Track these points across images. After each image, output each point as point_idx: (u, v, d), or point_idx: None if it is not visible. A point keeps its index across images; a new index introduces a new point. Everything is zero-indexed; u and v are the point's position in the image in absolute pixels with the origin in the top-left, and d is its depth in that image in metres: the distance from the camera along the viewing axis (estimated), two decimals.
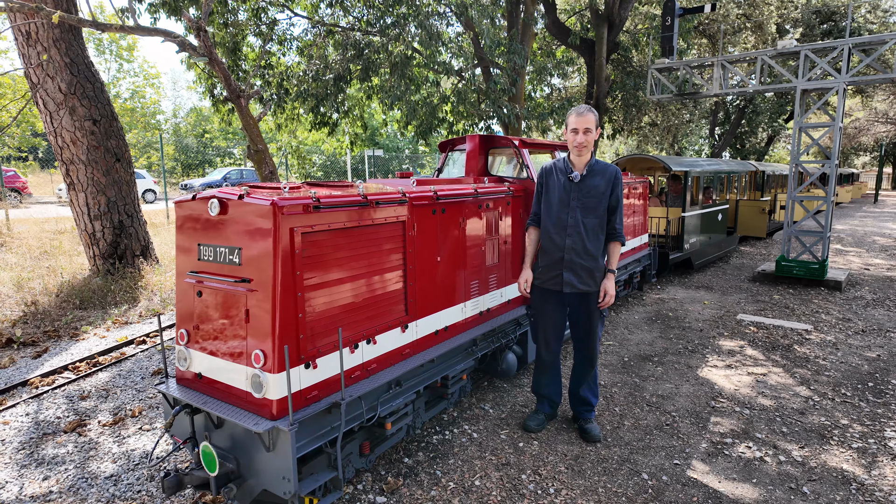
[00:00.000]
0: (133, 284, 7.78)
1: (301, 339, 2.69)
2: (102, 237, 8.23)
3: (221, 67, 6.22)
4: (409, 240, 3.38)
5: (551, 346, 3.85)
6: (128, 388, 4.70)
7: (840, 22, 24.27)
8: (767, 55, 9.03)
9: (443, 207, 3.68)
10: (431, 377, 3.60)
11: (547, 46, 13.71)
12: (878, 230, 16.71)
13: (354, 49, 8.98)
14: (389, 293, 3.27)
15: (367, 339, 3.12)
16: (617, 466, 3.57)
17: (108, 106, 8.23)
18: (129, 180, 8.51)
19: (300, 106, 9.81)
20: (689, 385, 4.89)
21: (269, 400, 2.61)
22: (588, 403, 3.96)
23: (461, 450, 3.74)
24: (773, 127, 28.95)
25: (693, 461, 3.64)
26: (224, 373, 2.82)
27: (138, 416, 4.21)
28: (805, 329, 6.50)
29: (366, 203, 3.03)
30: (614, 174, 3.56)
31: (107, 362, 5.23)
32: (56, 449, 3.73)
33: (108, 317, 6.72)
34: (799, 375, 5.11)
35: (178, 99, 54.93)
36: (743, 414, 4.33)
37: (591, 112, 3.48)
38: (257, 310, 2.63)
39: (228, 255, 2.74)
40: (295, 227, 2.63)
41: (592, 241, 3.57)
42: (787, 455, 3.72)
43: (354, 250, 3.00)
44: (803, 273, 8.74)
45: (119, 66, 35.10)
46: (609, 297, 3.58)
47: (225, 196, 2.71)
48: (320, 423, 2.81)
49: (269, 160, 6.83)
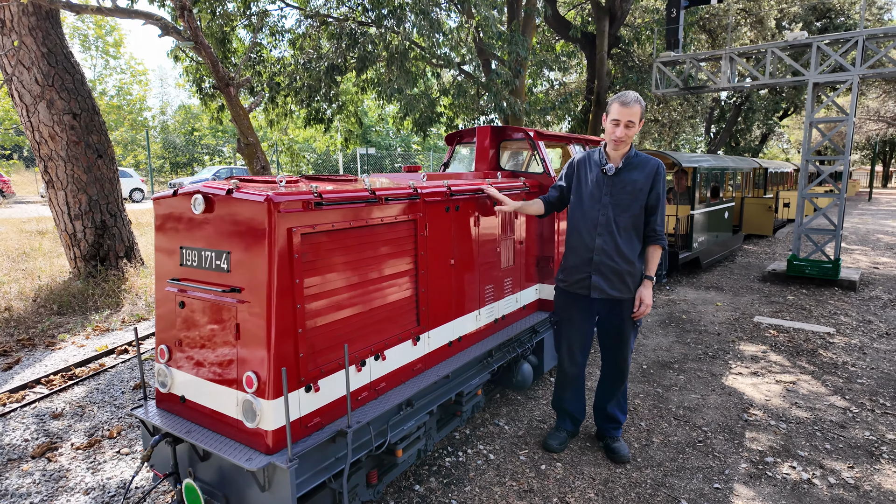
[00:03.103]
0: (116, 288, 7.33)
1: (301, 357, 2.30)
2: (83, 238, 7.76)
3: (208, 52, 5.77)
4: (421, 241, 2.99)
5: (576, 358, 3.48)
6: (105, 405, 4.28)
7: (835, 19, 24.19)
8: (778, 48, 8.72)
9: (456, 204, 3.30)
10: (445, 394, 3.22)
11: (546, 41, 13.35)
12: (880, 228, 16.53)
13: (350, 38, 8.56)
14: (399, 302, 2.88)
15: (374, 354, 2.73)
16: (652, 492, 3.21)
17: (89, 99, 7.76)
18: (111, 178, 8.04)
19: (292, 100, 9.37)
20: (715, 395, 4.55)
21: (264, 430, 2.22)
22: (616, 421, 3.59)
23: (478, 474, 3.37)
24: (767, 124, 28.85)
25: (735, 485, 3.29)
26: (211, 397, 2.42)
27: (116, 438, 3.79)
28: (827, 332, 6.19)
29: (374, 199, 2.64)
30: (656, 168, 3.18)
31: (84, 375, 4.80)
32: (21, 479, 3.30)
33: (89, 323, 6.27)
34: (831, 383, 4.79)
35: (165, 96, 54.09)
36: (779, 428, 3.99)
37: (637, 103, 3.07)
38: (249, 324, 2.24)
39: (215, 261, 2.35)
40: (293, 227, 2.23)
41: (626, 241, 3.20)
42: (836, 476, 3.38)
43: (361, 253, 2.61)
44: (816, 273, 8.45)
45: (105, 62, 34.33)
46: (645, 306, 3.21)
47: (211, 191, 2.31)
48: (323, 455, 2.42)
49: (260, 154, 6.39)
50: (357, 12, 9.13)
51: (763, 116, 26.66)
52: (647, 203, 3.21)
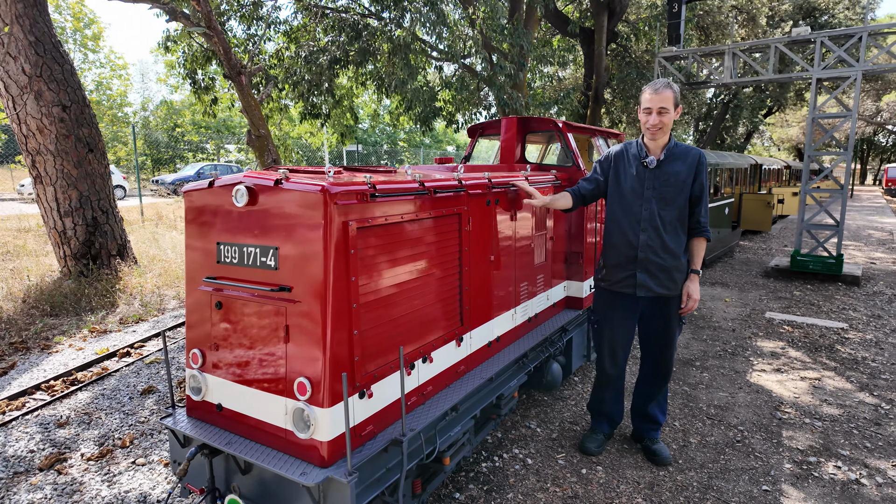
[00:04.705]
0: (110, 287, 7.03)
1: (356, 361, 2.13)
2: (74, 235, 7.43)
3: (221, 38, 5.48)
4: (465, 236, 2.83)
5: (618, 360, 3.35)
6: (114, 412, 4.04)
7: (820, 17, 24.51)
8: (782, 43, 8.71)
9: (496, 198, 3.14)
10: (487, 397, 3.06)
11: (543, 36, 13.23)
12: (869, 224, 16.78)
13: (353, 30, 8.31)
14: (446, 300, 2.72)
15: (422, 356, 2.57)
16: (700, 496, 3.10)
17: (79, 91, 7.44)
18: (103, 173, 7.71)
19: (291, 92, 9.09)
20: (743, 394, 4.47)
21: (319, 441, 2.05)
22: (655, 422, 3.47)
23: (518, 480, 3.22)
24: (753, 122, 29.17)
25: (783, 486, 3.20)
26: (254, 405, 2.24)
27: (129, 447, 3.57)
28: (841, 328, 6.17)
29: (425, 192, 2.47)
30: (697, 158, 3.06)
31: (86, 380, 4.55)
32: (30, 493, 3.07)
33: (84, 325, 5.98)
34: (855, 380, 4.74)
35: (147, 91, 52.89)
36: (815, 426, 3.91)
37: (668, 88, 2.96)
38: (301, 326, 2.06)
39: (260, 257, 2.16)
40: (350, 220, 2.06)
41: (671, 236, 3.07)
42: (883, 476, 3.30)
43: (411, 249, 2.44)
44: (820, 268, 8.47)
45: (84, 56, 33.36)
46: (693, 301, 3.09)
47: (256, 181, 2.12)
48: (375, 466, 2.25)
49: (271, 147, 6.14)
50: (360, 5, 8.89)
51: (749, 114, 26.92)
52: (690, 194, 3.09)
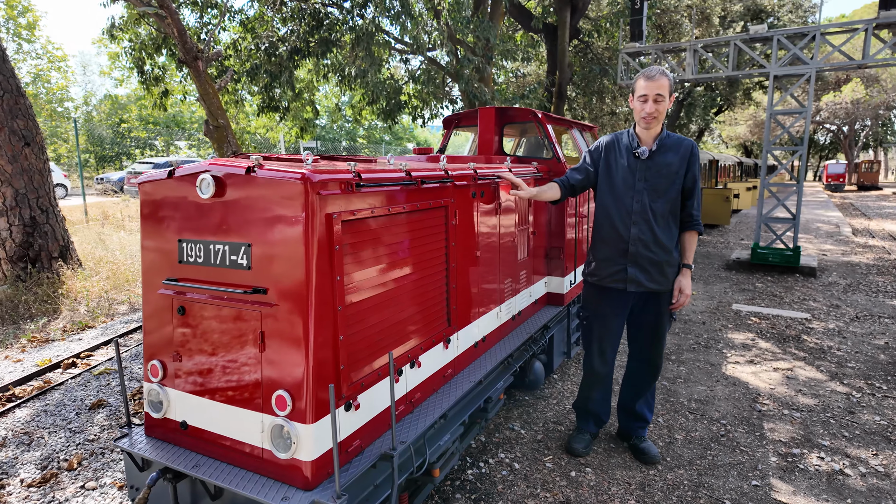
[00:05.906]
0: (52, 292, 6.49)
1: (342, 370, 1.91)
2: (10, 237, 6.84)
3: (175, 19, 5.05)
4: (451, 230, 2.64)
5: (607, 357, 3.24)
6: (58, 430, 3.66)
7: (766, 19, 25.49)
8: (740, 39, 8.90)
9: (482, 190, 2.97)
10: (475, 401, 2.89)
11: (506, 31, 13.16)
12: (817, 217, 17.53)
13: (314, 19, 7.96)
14: (433, 299, 2.53)
15: (410, 361, 2.37)
16: (693, 494, 3.02)
17: (13, 79, 6.83)
18: (41, 168, 7.13)
19: (248, 84, 8.66)
20: (721, 386, 4.46)
21: (302, 461, 1.82)
22: (643, 419, 3.38)
23: (506, 487, 3.07)
24: (705, 119, 30.12)
25: (771, 480, 3.16)
26: (224, 422, 1.99)
27: (77, 469, 3.22)
28: (805, 318, 6.32)
29: (412, 182, 2.27)
30: (690, 149, 2.97)
31: (26, 395, 4.12)
32: None
33: (23, 334, 5.48)
34: (825, 369, 4.82)
35: (89, 85, 50.26)
36: (794, 417, 3.93)
37: (664, 75, 2.85)
38: (279, 332, 1.83)
39: (230, 256, 1.91)
40: (334, 212, 1.84)
41: (663, 229, 2.97)
42: (865, 465, 3.32)
43: (398, 245, 2.24)
44: (779, 260, 8.71)
45: (18, 46, 31.28)
46: (685, 296, 3.00)
47: (224, 170, 1.87)
48: (362, 484, 2.04)
49: (231, 138, 5.75)
50: None
51: (702, 112, 27.77)
52: (683, 186, 3.00)
